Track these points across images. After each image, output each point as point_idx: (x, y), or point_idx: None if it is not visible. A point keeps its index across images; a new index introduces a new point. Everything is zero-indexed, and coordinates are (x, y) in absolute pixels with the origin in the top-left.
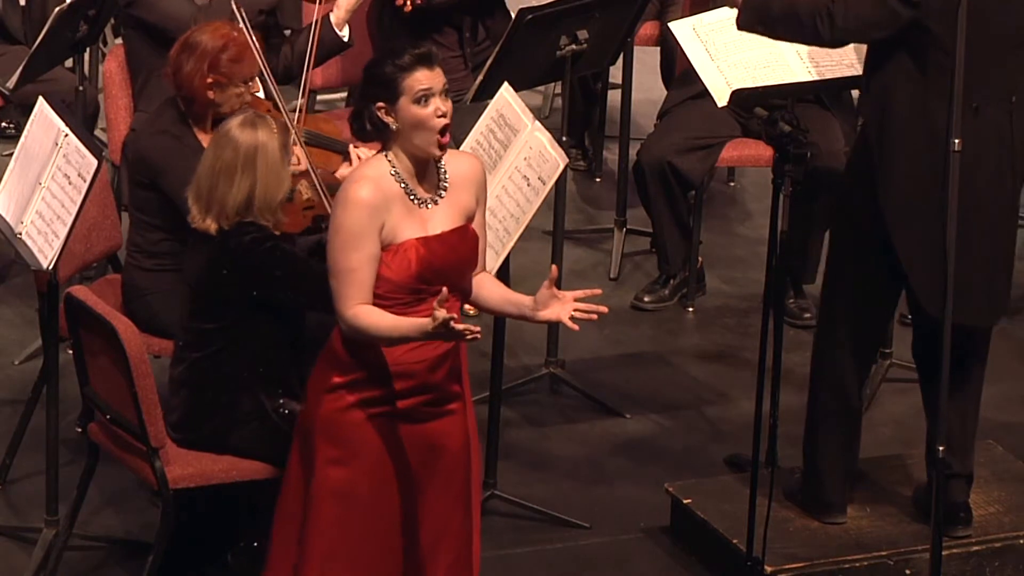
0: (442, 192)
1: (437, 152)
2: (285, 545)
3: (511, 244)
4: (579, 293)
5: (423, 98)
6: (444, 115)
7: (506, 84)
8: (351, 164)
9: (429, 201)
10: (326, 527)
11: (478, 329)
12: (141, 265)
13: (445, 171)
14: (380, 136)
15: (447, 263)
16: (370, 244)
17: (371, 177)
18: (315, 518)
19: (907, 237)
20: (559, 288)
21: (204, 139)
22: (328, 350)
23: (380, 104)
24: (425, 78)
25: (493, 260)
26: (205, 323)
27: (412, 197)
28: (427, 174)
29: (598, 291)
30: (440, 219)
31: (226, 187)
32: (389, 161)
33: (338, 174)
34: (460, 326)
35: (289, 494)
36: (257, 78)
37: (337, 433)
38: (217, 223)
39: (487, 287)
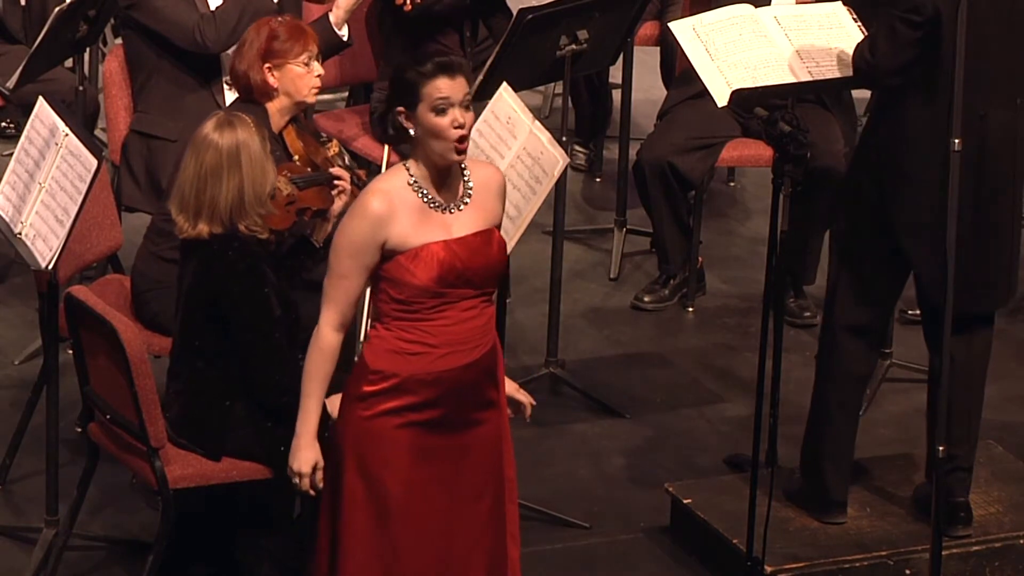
0: (467, 199)
1: (455, 157)
2: (321, 553)
3: (512, 244)
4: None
5: (441, 108)
6: (462, 126)
7: (505, 84)
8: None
9: (453, 206)
10: (360, 537)
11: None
12: (163, 254)
13: (470, 178)
14: (402, 141)
15: (470, 266)
16: (366, 256)
17: (384, 190)
18: (348, 528)
19: (917, 241)
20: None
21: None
22: (360, 360)
23: (400, 109)
24: (445, 87)
25: None
26: (195, 335)
27: (432, 204)
28: (450, 180)
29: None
30: (464, 224)
31: (215, 189)
32: (408, 170)
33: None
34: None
35: (322, 504)
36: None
37: (368, 442)
38: (209, 227)
39: None
